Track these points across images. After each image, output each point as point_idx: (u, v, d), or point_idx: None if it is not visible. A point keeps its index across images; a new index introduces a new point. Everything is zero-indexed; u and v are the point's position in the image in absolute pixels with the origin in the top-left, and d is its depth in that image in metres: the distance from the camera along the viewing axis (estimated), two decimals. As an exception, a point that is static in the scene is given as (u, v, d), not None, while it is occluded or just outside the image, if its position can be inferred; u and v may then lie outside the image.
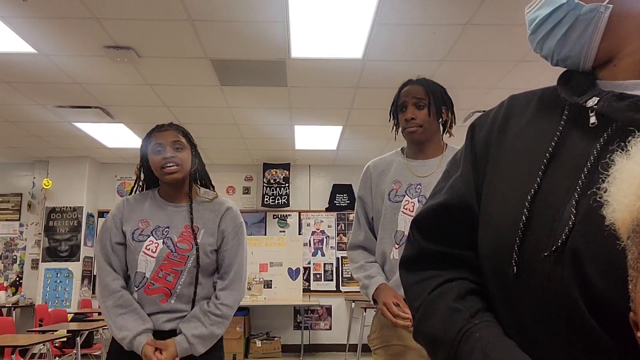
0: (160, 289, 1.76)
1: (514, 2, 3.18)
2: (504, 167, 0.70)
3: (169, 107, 5.12)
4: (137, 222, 1.83)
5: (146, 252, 1.76)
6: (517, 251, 0.61)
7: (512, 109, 0.75)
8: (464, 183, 0.76)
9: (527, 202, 0.62)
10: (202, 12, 3.28)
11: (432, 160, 1.84)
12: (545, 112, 0.71)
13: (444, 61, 4.04)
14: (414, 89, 1.82)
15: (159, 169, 1.80)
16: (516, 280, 0.62)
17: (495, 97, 4.80)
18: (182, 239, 1.79)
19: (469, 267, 0.73)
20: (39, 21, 3.37)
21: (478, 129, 0.78)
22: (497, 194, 0.69)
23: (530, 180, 0.64)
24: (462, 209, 0.75)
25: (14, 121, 5.53)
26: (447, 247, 0.75)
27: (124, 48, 3.76)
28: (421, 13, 3.30)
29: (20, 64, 4.05)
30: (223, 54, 3.91)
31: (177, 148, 1.80)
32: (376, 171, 1.91)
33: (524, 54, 3.92)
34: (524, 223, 0.61)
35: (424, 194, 1.74)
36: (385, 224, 1.82)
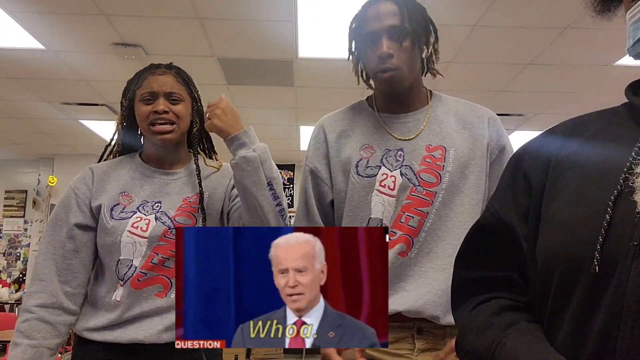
0: (156, 279, 1.30)
1: (523, 4, 3.16)
2: (571, 172, 0.69)
3: (175, 106, 5.12)
4: (115, 196, 1.37)
5: (133, 232, 1.31)
6: (600, 248, 0.60)
7: (570, 128, 0.75)
8: (500, 203, 0.77)
9: (610, 201, 0.61)
10: (211, 10, 3.28)
11: (416, 115, 1.29)
12: (614, 122, 0.71)
13: (451, 63, 4.02)
14: (386, 8, 1.24)
15: (146, 125, 1.38)
16: (594, 276, 0.60)
17: (504, 99, 4.78)
18: (182, 211, 1.36)
19: (509, 287, 0.74)
20: (48, 17, 3.37)
21: (528, 156, 0.77)
22: (566, 195, 0.68)
23: (608, 182, 0.63)
24: (499, 228, 0.75)
25: (20, 117, 5.54)
26: (485, 271, 0.76)
27: (132, 45, 3.76)
28: (430, 13, 3.27)
29: (28, 60, 4.05)
30: (230, 53, 3.91)
31: (174, 100, 1.39)
32: (334, 132, 1.32)
33: (533, 57, 3.90)
34: (608, 221, 0.60)
35: (409, 164, 1.22)
36: (352, 210, 1.24)
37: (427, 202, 1.20)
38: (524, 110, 5.13)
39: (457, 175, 1.22)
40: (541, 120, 5.38)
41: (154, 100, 1.37)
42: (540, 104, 4.95)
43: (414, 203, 1.20)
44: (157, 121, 1.36)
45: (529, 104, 4.94)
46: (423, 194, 1.20)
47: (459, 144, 1.25)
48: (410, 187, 1.21)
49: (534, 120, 5.42)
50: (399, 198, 1.21)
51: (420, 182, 1.21)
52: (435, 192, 1.20)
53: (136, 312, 1.29)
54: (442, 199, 1.20)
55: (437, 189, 1.20)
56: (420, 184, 1.21)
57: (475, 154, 1.25)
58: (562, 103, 4.89)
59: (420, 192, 1.20)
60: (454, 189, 1.21)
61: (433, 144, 1.25)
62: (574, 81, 4.35)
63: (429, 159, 1.23)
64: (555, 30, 3.48)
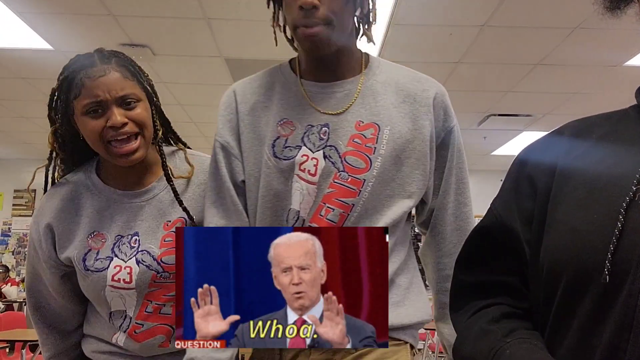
0: (155, 330, 1.12)
1: (531, 4, 3.13)
2: (580, 176, 0.67)
3: (182, 106, 5.13)
4: (83, 241, 1.12)
5: (116, 286, 1.09)
6: (610, 257, 0.58)
7: (576, 131, 0.73)
8: (502, 205, 0.75)
9: (621, 208, 0.59)
10: (218, 10, 3.28)
11: (347, 85, 1.04)
12: (624, 125, 0.69)
13: (460, 63, 4.00)
14: None
15: (102, 145, 1.07)
16: (604, 286, 0.59)
17: (512, 100, 4.75)
18: (168, 247, 1.11)
19: (509, 292, 0.73)
20: (56, 17, 3.38)
21: (533, 159, 0.75)
22: (575, 200, 0.66)
23: (619, 188, 0.62)
24: (501, 231, 0.74)
25: (28, 117, 5.58)
26: (486, 275, 0.75)
27: (140, 46, 3.77)
28: (438, 14, 3.26)
29: (36, 60, 4.07)
30: (237, 53, 3.91)
31: (129, 103, 1.08)
32: (246, 102, 1.07)
33: (542, 57, 3.87)
34: (619, 229, 0.59)
35: (334, 144, 1.00)
36: (268, 200, 1.01)
37: (353, 192, 0.98)
38: (533, 110, 5.09)
39: (391, 161, 0.99)
40: (550, 120, 5.34)
41: (104, 110, 1.05)
42: (549, 105, 4.91)
43: (336, 192, 0.98)
44: (117, 137, 1.05)
45: (537, 104, 4.90)
46: (348, 182, 0.98)
47: (396, 122, 1.01)
48: (333, 172, 0.98)
49: (542, 121, 5.38)
50: (320, 185, 0.99)
51: (345, 167, 0.98)
52: (364, 179, 0.98)
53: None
54: (370, 189, 0.98)
55: (366, 176, 0.98)
56: (346, 169, 0.98)
57: (416, 135, 1.01)
58: (572, 104, 4.85)
59: (345, 179, 0.98)
60: (386, 176, 0.99)
61: (365, 120, 1.01)
62: (583, 82, 4.32)
63: (358, 139, 0.99)
64: (564, 31, 3.45)
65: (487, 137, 6.05)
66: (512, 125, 5.58)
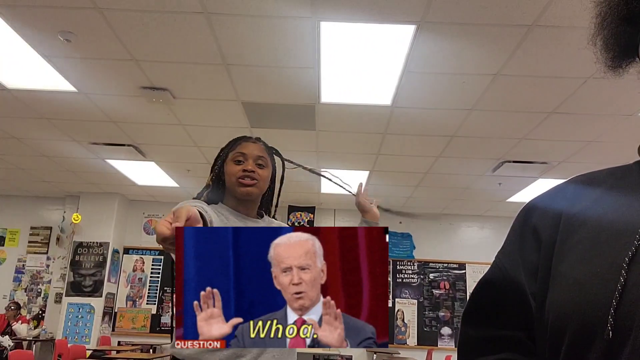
0: None
1: (545, 54, 3.18)
2: (583, 230, 0.68)
3: (199, 147, 5.21)
4: None
5: None
6: (613, 312, 0.58)
7: (581, 185, 0.74)
8: (507, 258, 0.75)
9: (624, 262, 0.59)
10: (237, 57, 3.38)
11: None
12: (628, 180, 0.70)
13: (473, 110, 4.03)
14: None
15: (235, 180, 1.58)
16: (608, 341, 0.58)
17: (526, 147, 4.75)
18: None
19: (516, 347, 0.72)
20: (81, 61, 3.52)
21: (538, 211, 0.76)
22: (579, 253, 0.66)
23: (622, 242, 0.62)
24: (506, 284, 0.74)
25: (49, 156, 5.71)
26: (492, 330, 0.75)
27: (160, 89, 3.88)
28: (451, 62, 3.32)
29: (60, 102, 4.21)
30: (254, 97, 4.00)
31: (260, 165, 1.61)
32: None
33: (556, 106, 3.89)
34: (622, 284, 0.58)
35: None
36: None
37: None
38: (548, 158, 5.07)
39: None
40: (566, 168, 5.31)
41: (245, 160, 1.60)
42: (565, 152, 4.90)
43: None
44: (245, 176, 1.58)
45: (552, 151, 4.89)
46: None
47: None
48: None
49: (558, 168, 5.35)
50: None
51: None
52: None
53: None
54: None
55: None
56: None
57: None
58: (588, 151, 4.83)
59: None
60: None
61: None
62: (598, 130, 4.31)
63: None
64: (577, 80, 3.48)
65: (503, 183, 6.02)
66: (527, 173, 5.55)
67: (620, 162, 0.77)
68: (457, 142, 4.71)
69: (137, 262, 7.54)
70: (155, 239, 1.03)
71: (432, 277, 7.52)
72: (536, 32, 2.97)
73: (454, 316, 7.35)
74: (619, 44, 0.70)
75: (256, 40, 3.18)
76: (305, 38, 3.14)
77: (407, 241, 7.64)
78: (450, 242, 7.66)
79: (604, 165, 0.98)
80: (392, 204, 7.34)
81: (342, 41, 3.17)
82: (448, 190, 6.49)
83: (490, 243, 7.56)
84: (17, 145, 5.37)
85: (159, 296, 7.38)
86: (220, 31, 3.10)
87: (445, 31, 3.00)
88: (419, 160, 5.32)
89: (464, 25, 2.93)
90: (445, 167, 5.54)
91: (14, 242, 7.80)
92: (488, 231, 7.66)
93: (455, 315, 7.35)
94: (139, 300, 7.38)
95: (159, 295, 7.39)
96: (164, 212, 7.75)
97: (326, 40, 3.15)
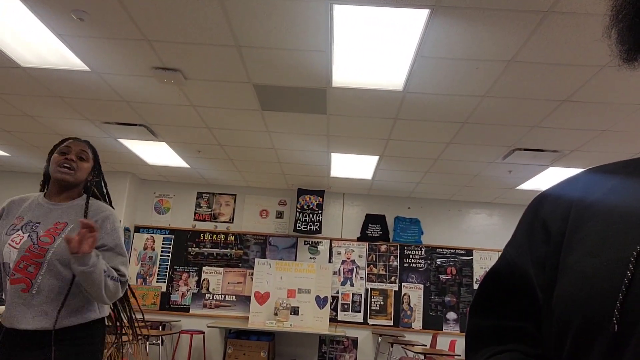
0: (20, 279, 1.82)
1: (559, 41, 3.14)
2: (592, 224, 0.68)
3: (210, 129, 5.24)
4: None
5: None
6: (620, 306, 0.58)
7: (592, 177, 0.74)
8: (516, 250, 0.76)
9: (632, 256, 0.60)
10: (249, 39, 3.38)
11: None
12: (638, 174, 0.70)
13: (485, 97, 4.01)
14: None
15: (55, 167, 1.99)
16: (613, 335, 0.59)
17: (538, 135, 4.71)
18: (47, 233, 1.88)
19: (523, 338, 0.73)
20: (94, 41, 3.53)
21: (548, 204, 0.76)
22: (587, 246, 0.67)
23: (630, 236, 0.62)
24: (514, 275, 0.75)
25: (63, 134, 5.76)
26: (499, 320, 0.76)
27: (172, 70, 3.89)
28: (465, 48, 3.29)
29: (73, 80, 4.24)
30: (266, 80, 4.00)
31: (81, 158, 2.04)
32: None
33: (570, 94, 3.85)
34: (629, 277, 0.59)
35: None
36: None
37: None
38: (559, 146, 5.04)
39: None
40: (578, 157, 5.27)
41: (68, 152, 2.11)
42: (577, 141, 4.85)
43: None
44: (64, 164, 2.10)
45: (564, 140, 4.85)
46: None
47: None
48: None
49: (570, 157, 5.31)
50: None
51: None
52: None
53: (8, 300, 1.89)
54: None
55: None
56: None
57: None
58: (600, 141, 4.78)
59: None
60: None
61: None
62: (612, 119, 4.27)
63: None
64: (592, 69, 3.44)
65: (513, 171, 5.99)
66: (538, 161, 5.52)
67: (633, 152, 0.77)
68: (468, 128, 4.68)
69: (147, 240, 7.64)
70: None
71: (439, 262, 7.55)
72: (552, 19, 2.93)
73: (459, 301, 7.39)
74: (635, 36, 0.70)
75: (269, 22, 3.17)
76: (318, 21, 3.12)
77: (416, 226, 7.66)
78: (458, 228, 7.67)
79: (616, 155, 0.97)
80: (401, 190, 7.35)
81: (355, 24, 3.15)
82: (458, 177, 6.47)
83: (499, 230, 7.55)
84: (30, 123, 5.42)
85: (169, 274, 7.50)
86: (233, 13, 3.09)
87: (460, 15, 2.97)
88: (430, 146, 5.31)
89: (479, 10, 2.90)
90: (455, 154, 5.52)
91: (27, 218, 7.93)
92: (497, 218, 7.65)
93: (461, 301, 7.39)
94: (149, 278, 7.50)
95: (168, 273, 7.50)
96: (175, 192, 7.83)
97: (339, 23, 3.14)
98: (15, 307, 1.80)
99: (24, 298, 1.80)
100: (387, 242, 7.60)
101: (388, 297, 7.38)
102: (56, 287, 1.82)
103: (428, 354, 5.55)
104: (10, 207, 2.00)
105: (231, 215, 7.75)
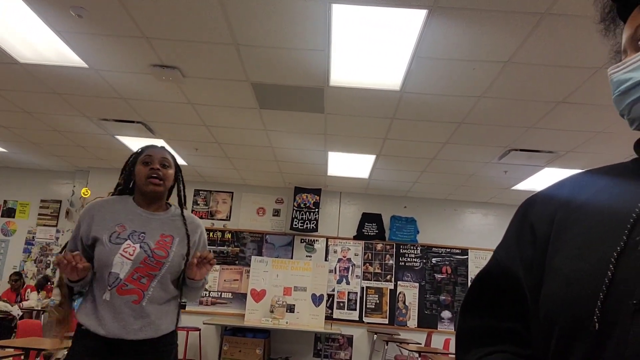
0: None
1: (556, 43, 3.16)
2: (576, 226, 0.70)
3: (207, 127, 5.25)
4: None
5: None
6: (600, 306, 0.60)
7: (578, 182, 0.76)
8: (505, 252, 0.78)
9: (612, 258, 0.62)
10: (248, 37, 3.39)
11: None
12: (622, 178, 0.72)
13: (482, 97, 4.03)
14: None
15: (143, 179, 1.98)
16: (594, 332, 0.61)
17: (534, 136, 4.74)
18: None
19: (513, 339, 0.74)
20: (92, 37, 3.54)
21: (535, 207, 0.78)
22: (570, 249, 0.69)
23: (612, 237, 0.64)
24: (504, 277, 0.76)
25: (60, 130, 5.77)
26: (489, 321, 0.77)
27: (170, 67, 3.90)
28: (462, 48, 3.31)
29: (71, 77, 4.24)
30: (264, 78, 4.01)
31: (164, 165, 2.02)
32: None
33: (565, 96, 3.87)
34: (609, 278, 0.61)
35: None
36: None
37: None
38: (555, 147, 5.07)
39: None
40: (573, 158, 5.30)
41: (151, 162, 2.04)
42: (572, 142, 4.89)
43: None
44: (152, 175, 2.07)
45: (560, 141, 4.88)
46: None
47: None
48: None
49: (565, 158, 5.34)
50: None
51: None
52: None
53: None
54: None
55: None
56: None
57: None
58: (595, 142, 4.81)
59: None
60: None
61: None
62: (607, 121, 4.30)
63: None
64: (588, 70, 3.47)
65: (508, 171, 6.02)
66: (533, 161, 5.55)
67: (628, 153, 0.79)
68: (465, 129, 4.71)
69: (144, 237, 7.63)
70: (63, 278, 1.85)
71: (434, 261, 7.58)
72: (548, 20, 2.95)
73: (454, 300, 7.42)
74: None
75: (267, 20, 3.18)
76: (317, 20, 3.14)
77: (412, 225, 7.69)
78: (454, 227, 7.70)
79: (611, 156, 0.98)
80: (398, 189, 7.37)
81: (353, 24, 3.17)
82: (454, 177, 6.50)
83: (494, 230, 7.59)
84: (28, 119, 5.42)
85: (165, 272, 7.49)
86: (232, 11, 3.10)
87: (457, 16, 2.99)
88: (426, 145, 5.33)
89: (476, 11, 2.92)
90: (452, 154, 5.55)
91: (24, 214, 7.93)
92: (492, 218, 7.68)
93: (456, 300, 7.43)
94: (145, 275, 7.49)
95: (164, 270, 7.50)
96: (172, 189, 7.82)
97: (337, 22, 3.15)
98: (124, 317, 1.79)
99: (133, 309, 1.80)
100: (383, 241, 7.62)
101: (383, 296, 7.42)
102: (163, 299, 1.88)
103: (423, 352, 5.58)
104: (94, 213, 1.94)
105: (228, 213, 7.77)
